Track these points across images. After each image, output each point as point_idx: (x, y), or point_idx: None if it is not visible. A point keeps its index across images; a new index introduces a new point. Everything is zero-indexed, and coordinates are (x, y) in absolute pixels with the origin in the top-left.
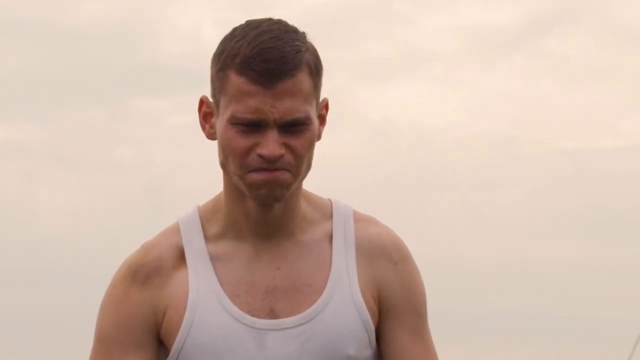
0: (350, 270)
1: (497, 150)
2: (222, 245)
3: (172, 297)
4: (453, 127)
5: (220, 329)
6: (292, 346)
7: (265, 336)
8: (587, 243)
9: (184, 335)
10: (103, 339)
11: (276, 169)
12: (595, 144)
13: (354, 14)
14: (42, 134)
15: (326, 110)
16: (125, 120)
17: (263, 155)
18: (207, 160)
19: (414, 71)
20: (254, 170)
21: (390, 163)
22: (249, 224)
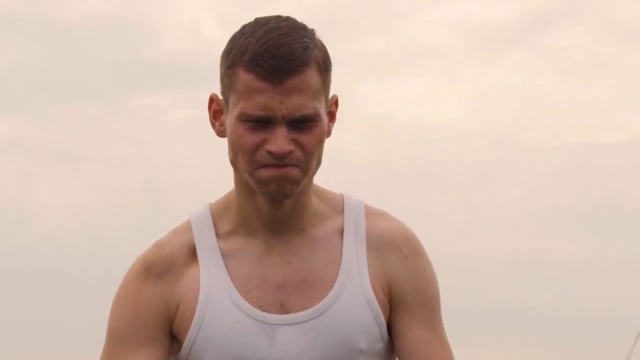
0: (360, 264)
1: (498, 146)
2: (234, 241)
3: (184, 294)
4: (453, 123)
5: (231, 324)
6: (303, 340)
7: (276, 331)
8: (588, 239)
9: (196, 331)
10: (116, 333)
11: (285, 165)
12: (596, 139)
13: (354, 10)
14: (42, 131)
15: (336, 106)
16: (125, 117)
17: (272, 152)
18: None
19: (414, 67)
20: (263, 166)
21: (390, 159)
22: (260, 220)
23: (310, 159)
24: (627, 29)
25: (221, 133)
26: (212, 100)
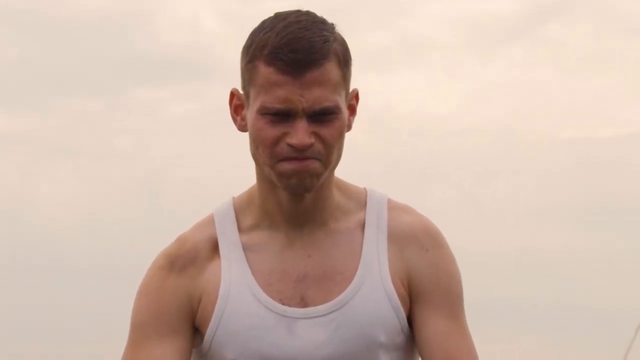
0: (381, 257)
1: (497, 140)
2: (256, 235)
3: (206, 287)
4: (453, 117)
5: (252, 318)
6: (322, 334)
7: (296, 324)
8: (587, 233)
9: (216, 324)
10: (140, 325)
11: (306, 158)
12: (596, 133)
13: (355, 3)
14: (41, 126)
15: (356, 100)
16: (125, 111)
17: (292, 145)
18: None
19: (414, 61)
20: (284, 159)
21: (390, 152)
22: (282, 214)
23: (330, 151)
24: (627, 23)
25: (242, 128)
26: (233, 95)
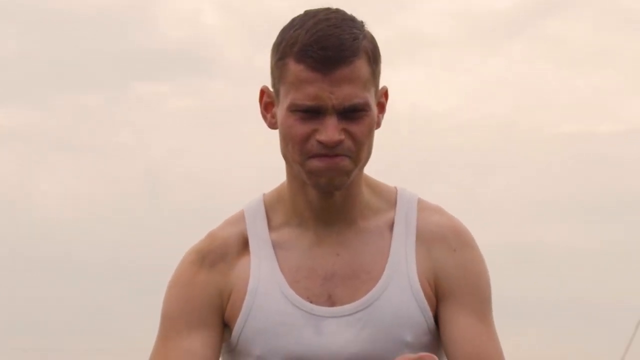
0: (408, 257)
1: (498, 135)
2: (285, 232)
3: (235, 283)
4: (453, 112)
5: (279, 315)
6: (349, 333)
7: (323, 323)
8: (587, 227)
9: (243, 320)
10: (170, 319)
11: (336, 155)
12: (596, 129)
13: None
14: (42, 120)
15: (385, 98)
16: (125, 105)
17: (322, 141)
18: (206, 145)
19: (414, 56)
20: (314, 156)
21: (390, 148)
22: (311, 211)
23: (360, 148)
24: (628, 18)
25: (272, 125)
26: (263, 92)
